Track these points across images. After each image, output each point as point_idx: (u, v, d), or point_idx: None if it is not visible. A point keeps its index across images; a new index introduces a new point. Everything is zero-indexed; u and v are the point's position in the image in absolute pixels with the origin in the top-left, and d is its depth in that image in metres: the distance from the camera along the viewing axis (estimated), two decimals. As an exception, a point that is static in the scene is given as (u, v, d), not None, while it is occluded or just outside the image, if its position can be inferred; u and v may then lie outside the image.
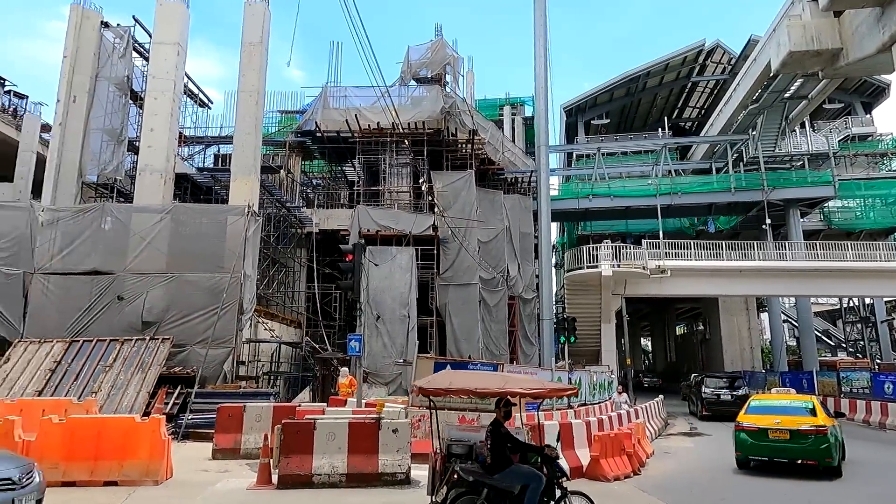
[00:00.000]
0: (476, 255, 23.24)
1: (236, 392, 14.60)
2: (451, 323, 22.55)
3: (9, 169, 23.61)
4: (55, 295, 16.56)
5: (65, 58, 20.62)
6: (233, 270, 16.52)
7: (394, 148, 24.79)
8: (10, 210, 17.78)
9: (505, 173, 28.69)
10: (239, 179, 19.59)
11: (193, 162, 27.15)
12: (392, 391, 19.86)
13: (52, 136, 20.65)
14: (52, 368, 14.48)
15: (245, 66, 20.35)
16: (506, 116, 38.29)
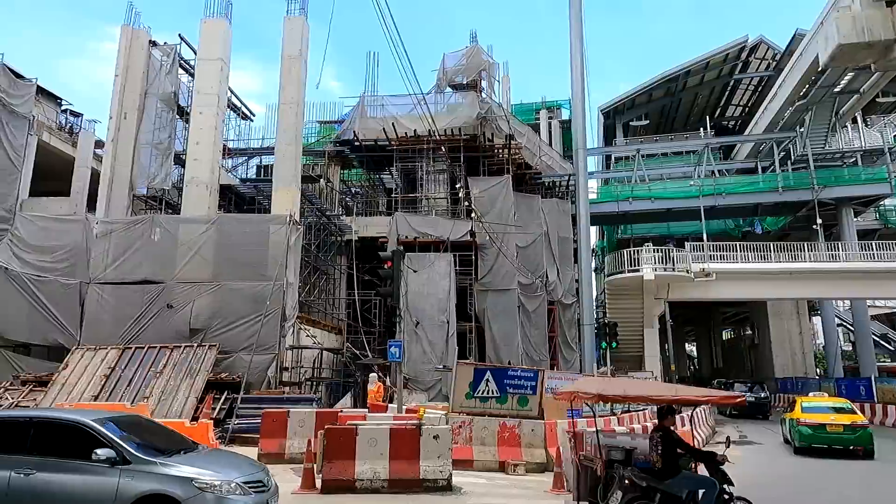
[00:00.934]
0: (514, 261, 23.12)
1: (280, 397, 14.88)
2: (490, 329, 22.48)
3: (66, 184, 24.78)
4: (109, 304, 17.26)
5: (116, 76, 21.55)
6: (275, 278, 16.89)
7: (430, 155, 24.95)
8: (68, 223, 18.66)
9: (542, 177, 28.49)
10: (280, 189, 20.04)
11: (237, 173, 27.94)
12: (432, 397, 19.91)
13: (105, 152, 21.59)
14: (106, 374, 15.08)
15: (285, 78, 20.85)
16: (542, 120, 38.04)
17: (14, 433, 6.11)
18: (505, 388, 12.87)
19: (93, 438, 5.97)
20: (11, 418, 6.48)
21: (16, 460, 5.85)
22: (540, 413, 12.93)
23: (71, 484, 5.78)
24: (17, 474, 5.77)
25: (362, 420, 10.77)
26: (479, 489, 9.38)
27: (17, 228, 18.23)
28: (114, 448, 5.88)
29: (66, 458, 5.88)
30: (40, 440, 6.03)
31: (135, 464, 5.87)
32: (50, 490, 5.76)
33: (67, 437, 6.06)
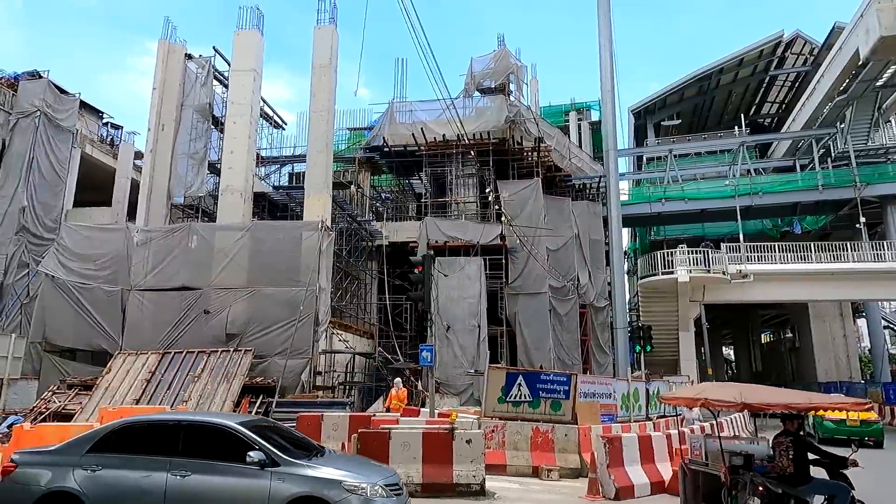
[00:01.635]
0: (545, 264, 22.96)
1: (314, 401, 15.07)
2: (521, 333, 22.35)
3: (108, 194, 25.65)
4: (149, 310, 17.76)
5: (154, 89, 22.24)
6: (308, 284, 17.12)
7: (459, 159, 25.00)
8: (110, 232, 19.28)
9: (572, 179, 28.27)
10: (312, 196, 20.35)
11: (270, 181, 28.49)
12: (464, 401, 19.88)
13: (145, 163, 22.28)
14: (147, 378, 15.51)
15: (315, 87, 21.19)
16: (572, 122, 37.75)
17: (165, 436, 6.24)
18: (537, 393, 12.78)
19: (239, 441, 6.06)
20: (161, 421, 6.63)
21: (171, 462, 5.98)
22: (573, 418, 12.80)
23: (225, 486, 5.88)
24: (173, 476, 5.90)
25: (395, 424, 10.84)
26: (512, 494, 9.34)
27: (62, 238, 18.92)
28: (263, 451, 5.96)
29: (217, 461, 5.99)
30: (189, 443, 6.14)
31: (283, 466, 5.95)
32: (205, 492, 5.88)
33: (214, 440, 6.17)
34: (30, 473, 6.06)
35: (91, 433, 6.42)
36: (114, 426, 6.43)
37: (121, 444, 6.21)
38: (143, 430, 6.43)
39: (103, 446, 6.17)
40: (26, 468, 6.12)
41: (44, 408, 14.92)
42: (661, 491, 9.70)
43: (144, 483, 5.91)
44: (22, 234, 22.28)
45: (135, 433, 6.35)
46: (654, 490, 9.69)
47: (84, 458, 6.06)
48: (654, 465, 10.05)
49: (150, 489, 5.88)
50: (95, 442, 6.21)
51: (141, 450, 6.16)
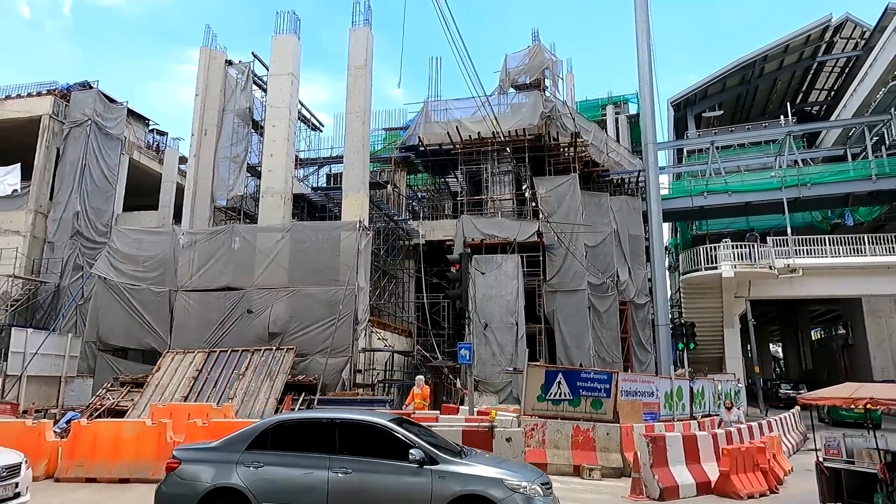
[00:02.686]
0: (583, 261, 22.67)
1: (354, 399, 15.28)
2: (560, 330, 22.14)
3: (154, 198, 26.55)
4: (195, 310, 18.32)
5: (196, 96, 22.90)
6: (347, 283, 17.36)
7: (495, 156, 24.91)
8: (157, 235, 19.97)
9: (610, 174, 27.81)
10: (350, 196, 20.61)
11: (308, 182, 28.98)
12: (502, 399, 19.83)
13: (189, 167, 22.97)
14: (194, 376, 16.01)
15: (351, 88, 21.43)
16: (609, 116, 37.14)
17: (321, 434, 6.29)
18: (578, 391, 12.63)
19: (396, 439, 6.10)
20: (316, 419, 6.65)
21: (330, 459, 6.04)
22: (615, 416, 12.61)
23: (387, 484, 5.90)
24: (334, 474, 5.95)
25: (434, 422, 10.90)
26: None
27: (113, 241, 19.68)
28: (422, 449, 5.97)
29: (376, 458, 6.02)
30: (346, 441, 6.19)
31: (442, 464, 5.93)
32: (368, 489, 5.90)
33: (371, 438, 6.21)
34: (193, 470, 6.23)
35: (248, 431, 6.52)
36: (269, 424, 6.53)
37: (277, 441, 6.30)
38: (297, 427, 6.52)
39: (261, 444, 6.28)
40: (189, 465, 6.29)
41: (99, 404, 15.57)
42: (707, 492, 9.47)
43: (307, 480, 5.98)
44: (76, 239, 23.27)
45: (290, 431, 6.45)
46: (700, 491, 9.47)
47: (244, 456, 6.17)
48: (699, 466, 9.82)
49: (313, 486, 5.95)
50: (253, 439, 6.31)
51: (298, 447, 6.23)
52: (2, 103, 25.07)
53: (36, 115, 24.35)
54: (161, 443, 10.34)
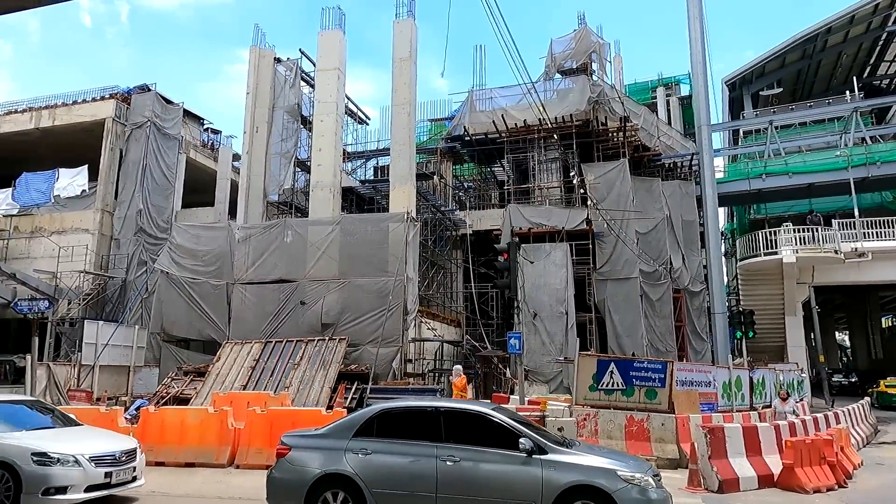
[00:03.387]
0: (635, 248, 22.15)
1: (405, 388, 15.50)
2: (611, 319, 21.75)
3: (211, 195, 27.53)
4: (251, 302, 18.95)
5: (248, 94, 23.54)
6: (396, 274, 17.57)
7: (542, 144, 24.58)
8: (214, 230, 20.72)
9: (662, 159, 26.99)
10: (397, 188, 20.79)
11: (356, 175, 29.40)
12: (553, 389, 19.69)
13: (242, 164, 23.69)
14: (252, 366, 16.59)
15: (397, 80, 21.55)
16: (659, 98, 35.98)
17: (426, 422, 6.31)
18: (631, 381, 12.40)
19: (502, 428, 6.06)
20: (420, 408, 6.66)
21: (437, 447, 6.04)
22: (670, 407, 12.32)
23: (496, 473, 5.84)
24: (442, 462, 5.94)
25: (485, 411, 10.91)
26: (607, 483, 9.13)
27: (173, 237, 20.55)
28: (531, 438, 5.91)
29: (483, 447, 5.98)
30: (452, 429, 6.17)
31: (550, 454, 5.86)
32: (477, 478, 5.88)
33: (477, 427, 6.18)
34: (303, 456, 6.38)
35: (354, 418, 6.64)
36: (375, 412, 6.59)
37: (383, 429, 6.35)
38: (402, 416, 6.57)
39: (367, 431, 6.34)
40: (299, 451, 6.44)
41: (164, 392, 16.37)
42: (769, 484, 9.16)
43: (415, 468, 6.01)
44: (140, 235, 24.41)
45: (395, 419, 6.50)
46: (762, 483, 9.16)
47: (352, 443, 6.26)
48: (761, 458, 9.49)
49: (422, 474, 5.97)
50: (360, 427, 6.39)
51: (403, 435, 6.27)
52: (70, 109, 26.46)
53: (100, 119, 25.60)
54: (223, 429, 10.79)
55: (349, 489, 6.09)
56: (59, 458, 6.93)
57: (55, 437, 7.54)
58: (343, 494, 6.09)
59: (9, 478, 6.76)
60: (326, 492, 6.13)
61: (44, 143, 26.79)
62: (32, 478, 6.77)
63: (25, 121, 26.49)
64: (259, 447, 10.45)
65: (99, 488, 7.17)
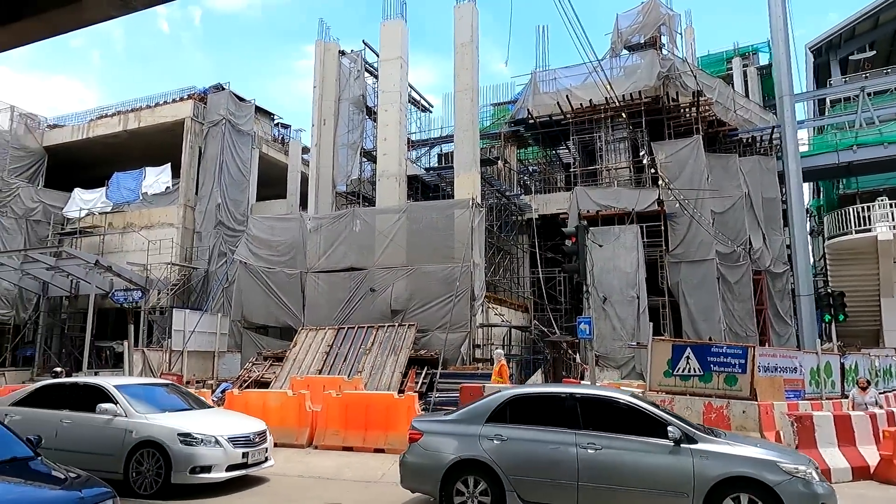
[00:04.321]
0: (710, 228, 21.18)
1: (475, 373, 15.60)
2: (685, 303, 20.97)
3: (282, 188, 28.59)
4: (323, 289, 19.61)
5: (314, 88, 24.17)
6: (463, 260, 17.66)
7: (609, 123, 23.87)
8: (287, 221, 21.53)
9: (739, 133, 25.57)
10: (461, 175, 20.81)
11: (420, 164, 29.65)
12: (624, 375, 19.29)
13: (311, 156, 24.42)
14: (326, 351, 17.20)
15: (458, 66, 21.47)
16: (735, 70, 33.98)
17: (561, 408, 6.15)
18: (709, 366, 11.92)
19: (644, 416, 5.87)
20: (554, 394, 6.53)
21: (576, 435, 5.88)
22: (751, 393, 11.77)
23: (643, 462, 5.65)
24: (583, 450, 5.77)
25: (556, 396, 10.83)
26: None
27: (250, 229, 21.53)
28: (679, 427, 5.69)
29: (625, 435, 5.79)
30: (589, 416, 6.00)
31: (702, 443, 5.60)
32: (621, 468, 5.68)
33: (616, 414, 6.01)
34: (437, 441, 6.36)
35: (485, 404, 6.52)
36: (507, 397, 6.47)
37: (516, 415, 6.25)
38: (535, 401, 6.47)
39: (500, 417, 6.25)
40: (432, 437, 6.43)
41: (246, 376, 17.27)
42: (865, 476, 8.61)
43: (554, 455, 5.86)
44: (219, 228, 25.72)
45: (527, 405, 6.40)
46: (857, 475, 8.63)
47: (485, 429, 6.17)
48: (854, 448, 8.93)
49: (561, 461, 5.83)
50: (492, 412, 6.29)
51: (538, 421, 6.14)
52: (153, 110, 28.11)
53: (180, 119, 27.05)
54: (301, 411, 11.27)
55: (485, 475, 5.99)
56: (202, 438, 7.26)
57: (194, 419, 7.86)
58: (480, 480, 6.00)
59: (159, 457, 7.12)
60: (462, 477, 6.07)
61: (131, 143, 28.61)
62: (180, 457, 7.10)
63: (115, 124, 28.38)
64: (335, 429, 10.85)
65: (237, 468, 7.49)
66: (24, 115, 29.80)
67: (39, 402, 8.10)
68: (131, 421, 7.42)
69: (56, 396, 8.13)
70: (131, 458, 7.19)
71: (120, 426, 7.39)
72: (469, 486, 6.04)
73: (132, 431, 7.30)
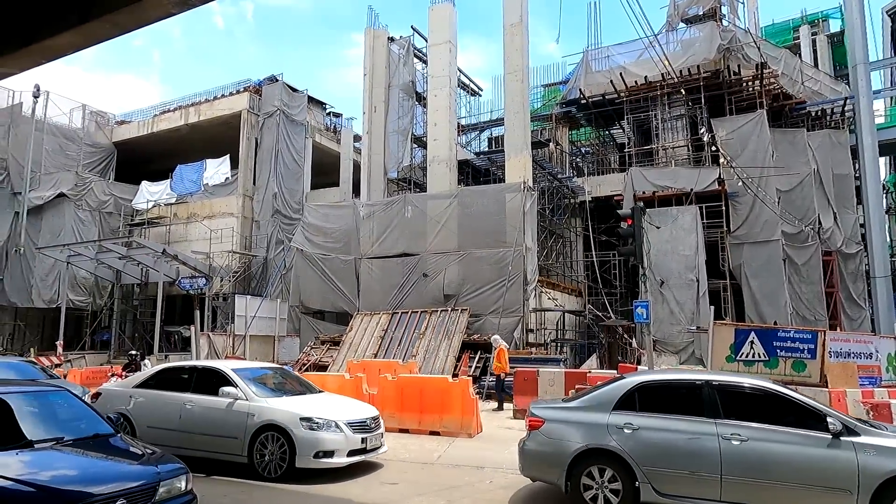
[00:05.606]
0: (775, 207, 20.18)
1: (528, 357, 15.55)
2: (748, 286, 20.12)
3: (335, 176, 29.12)
4: (377, 275, 19.93)
5: (364, 76, 24.38)
6: (515, 244, 17.55)
7: (665, 101, 23.01)
8: (341, 209, 21.95)
9: (807, 106, 24.12)
10: (512, 158, 20.60)
11: (471, 148, 29.52)
12: (683, 360, 18.77)
13: (362, 144, 24.73)
14: (381, 335, 17.52)
15: (508, 47, 21.17)
16: (803, 38, 32.01)
17: (697, 396, 5.81)
18: (774, 351, 11.45)
19: (792, 404, 5.55)
20: (689, 381, 6.16)
21: (717, 424, 5.55)
22: (822, 380, 11.24)
23: (797, 456, 5.29)
24: (726, 441, 5.44)
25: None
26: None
27: (305, 217, 22.08)
28: (838, 418, 5.35)
29: (777, 426, 5.45)
30: (728, 404, 5.66)
31: (864, 436, 5.23)
32: (772, 461, 5.34)
33: (757, 402, 5.69)
34: (561, 429, 6.10)
35: (611, 390, 6.24)
36: (634, 384, 6.19)
37: (645, 402, 5.95)
38: (666, 389, 6.15)
39: (628, 405, 5.95)
40: (554, 424, 6.15)
41: (306, 359, 17.83)
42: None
43: (693, 446, 5.53)
44: (276, 217, 26.49)
45: (657, 392, 6.08)
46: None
47: (613, 417, 5.90)
48: (938, 439, 8.37)
49: (701, 453, 5.48)
50: (619, 400, 6.01)
51: (670, 410, 5.81)
52: (211, 104, 29.08)
53: (237, 111, 27.88)
54: (359, 394, 11.49)
55: (616, 465, 5.73)
56: (323, 422, 7.16)
57: (312, 403, 7.73)
58: (610, 471, 5.74)
59: (284, 442, 7.04)
60: (590, 467, 5.82)
61: (192, 136, 29.75)
62: (304, 441, 7.00)
63: (176, 118, 29.55)
64: (391, 412, 11.03)
65: (357, 453, 7.36)
66: (94, 113, 31.42)
67: (160, 384, 8.16)
68: (252, 404, 7.37)
69: (175, 379, 8.19)
70: (255, 441, 7.17)
71: (242, 410, 7.35)
72: (598, 477, 5.79)
73: (254, 415, 7.26)
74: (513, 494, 6.69)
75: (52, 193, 27.01)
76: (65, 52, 7.32)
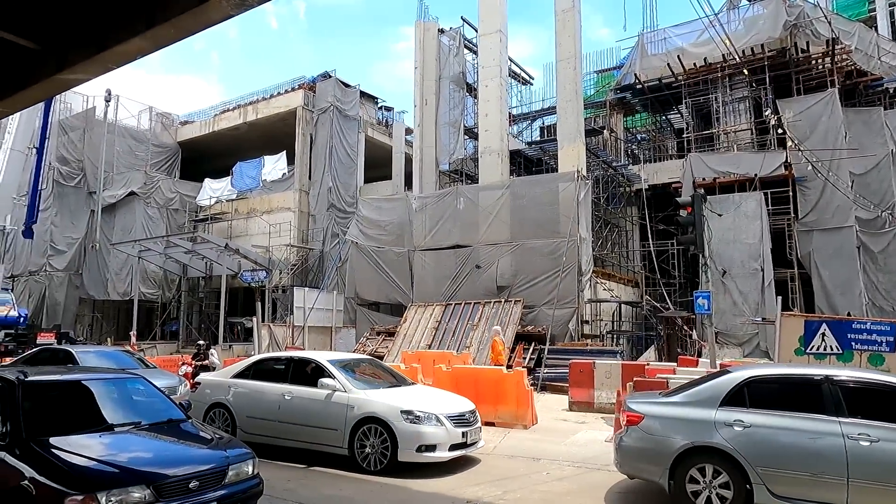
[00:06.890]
0: (849, 192, 19.02)
1: (584, 349, 15.34)
2: (818, 275, 19.09)
3: (388, 169, 29.45)
4: (430, 267, 20.08)
5: (415, 69, 24.49)
6: (569, 234, 17.29)
7: (726, 83, 22.02)
8: (393, 202, 22.21)
9: (885, 83, 22.53)
10: (565, 147, 20.25)
11: (522, 138, 29.22)
12: (748, 353, 18.05)
13: (414, 137, 24.89)
14: (435, 327, 17.67)
15: (560, 33, 20.77)
16: (879, 10, 29.82)
17: (815, 393, 5.49)
18: (849, 344, 10.84)
19: None
20: (804, 376, 5.85)
21: (841, 424, 5.20)
22: (901, 374, 10.56)
23: None
24: (852, 441, 5.09)
25: (671, 374, 10.39)
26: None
27: (359, 210, 22.46)
28: None
29: None
30: (853, 402, 5.34)
31: None
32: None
33: (888, 400, 5.35)
34: (662, 426, 5.85)
35: (716, 385, 5.92)
36: (742, 379, 5.80)
37: (756, 398, 5.63)
38: (779, 384, 5.84)
39: (737, 400, 5.64)
40: (654, 420, 5.90)
41: (362, 350, 18.18)
42: None
43: (815, 447, 5.20)
44: (331, 210, 27.07)
45: (769, 387, 5.78)
46: None
47: (720, 413, 5.59)
48: None
49: (825, 454, 5.17)
50: (726, 395, 5.69)
51: (785, 406, 5.50)
52: (268, 102, 29.95)
53: (292, 108, 28.59)
54: (414, 385, 11.68)
55: (726, 465, 5.42)
56: (424, 416, 7.01)
57: (409, 396, 7.63)
58: (719, 471, 5.43)
59: (386, 436, 6.93)
60: (696, 466, 5.53)
61: (250, 134, 30.73)
62: (406, 435, 6.87)
63: (235, 117, 30.60)
64: (447, 402, 11.14)
65: (458, 448, 7.20)
66: (160, 115, 32.96)
67: (257, 375, 8.24)
68: (351, 396, 7.30)
69: (272, 370, 8.28)
70: (355, 433, 7.08)
71: (341, 401, 7.28)
72: (706, 476, 5.49)
73: (353, 407, 7.18)
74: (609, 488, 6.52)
75: (124, 192, 28.59)
76: (132, 58, 7.67)
